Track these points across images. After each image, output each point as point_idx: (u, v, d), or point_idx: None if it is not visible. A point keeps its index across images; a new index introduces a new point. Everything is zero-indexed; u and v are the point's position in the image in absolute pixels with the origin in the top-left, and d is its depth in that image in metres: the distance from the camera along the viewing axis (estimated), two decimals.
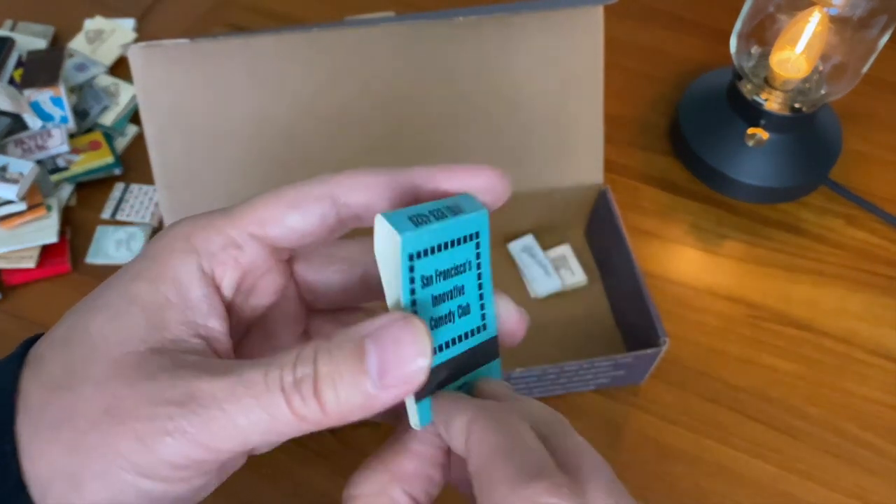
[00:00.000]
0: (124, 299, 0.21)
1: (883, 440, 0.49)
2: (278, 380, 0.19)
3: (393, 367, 0.19)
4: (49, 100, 0.59)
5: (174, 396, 0.19)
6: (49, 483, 0.20)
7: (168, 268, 0.21)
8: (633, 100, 0.66)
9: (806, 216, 0.59)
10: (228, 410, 0.19)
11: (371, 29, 0.46)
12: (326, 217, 0.22)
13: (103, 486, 0.19)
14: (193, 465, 0.20)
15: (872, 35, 0.54)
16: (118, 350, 0.20)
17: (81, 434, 0.19)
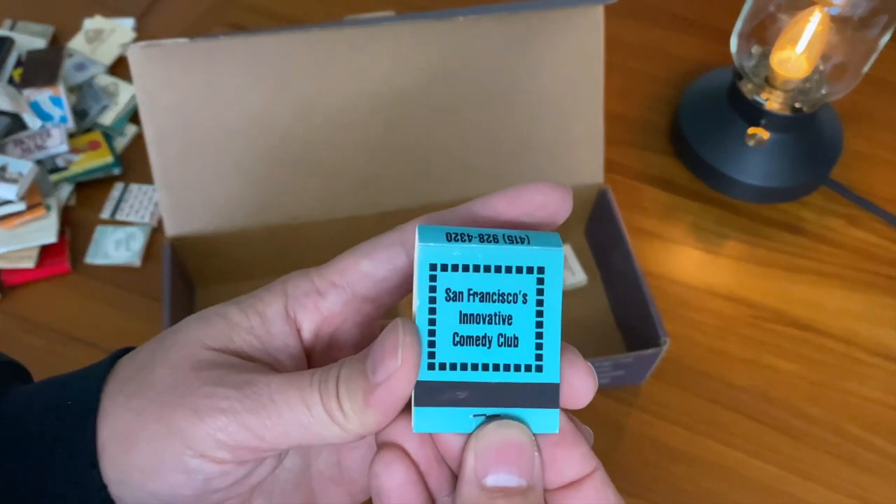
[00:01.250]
0: (217, 314, 0.24)
1: (884, 440, 0.49)
2: (318, 380, 0.21)
3: (379, 362, 0.21)
4: (48, 99, 0.59)
5: (233, 382, 0.21)
6: (107, 443, 0.22)
7: (260, 302, 0.24)
8: (633, 99, 0.66)
9: (806, 216, 0.59)
10: (276, 400, 0.21)
11: (371, 28, 0.46)
12: (395, 259, 0.23)
13: (151, 451, 0.22)
14: (234, 446, 0.21)
15: (873, 35, 0.54)
16: (195, 347, 0.23)
17: (147, 402, 0.22)
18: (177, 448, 0.21)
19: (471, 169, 0.50)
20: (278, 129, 0.47)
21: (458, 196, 0.51)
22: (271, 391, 0.21)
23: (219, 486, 0.23)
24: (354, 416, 0.21)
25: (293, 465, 0.26)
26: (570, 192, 0.24)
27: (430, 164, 0.50)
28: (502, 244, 0.22)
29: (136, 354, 0.24)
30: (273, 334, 0.23)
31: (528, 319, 0.22)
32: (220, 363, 0.22)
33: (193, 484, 0.22)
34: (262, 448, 0.22)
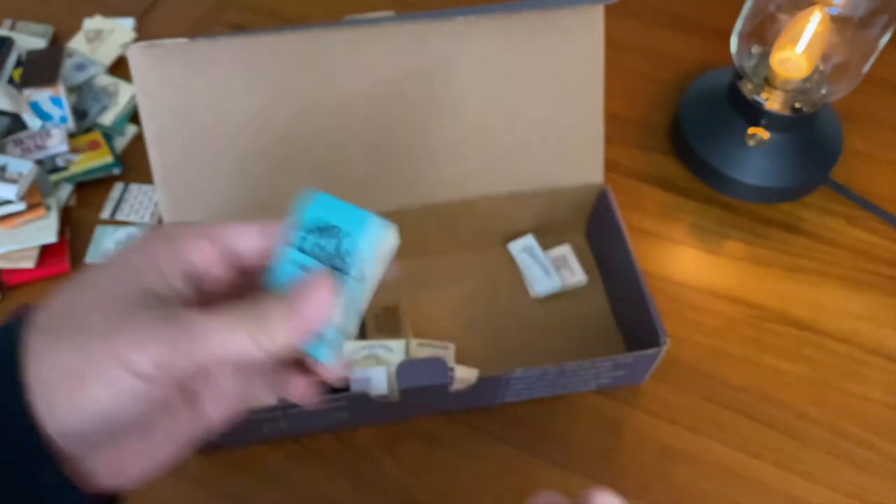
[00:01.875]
0: (119, 261, 0.28)
1: (884, 440, 0.49)
2: (241, 314, 0.27)
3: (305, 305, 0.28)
4: (48, 99, 0.59)
5: (169, 317, 0.26)
6: (54, 381, 0.26)
7: (153, 247, 0.29)
8: (633, 99, 0.66)
9: (806, 216, 0.59)
10: (207, 329, 0.26)
11: (371, 28, 0.46)
12: (261, 243, 0.30)
13: (101, 380, 0.26)
14: (170, 368, 0.26)
15: (873, 35, 0.54)
16: (116, 289, 0.27)
17: (85, 343, 0.26)
18: (124, 376, 0.26)
19: (470, 169, 0.50)
20: (278, 129, 0.47)
21: (458, 196, 0.51)
22: (202, 323, 0.26)
23: (159, 401, 0.27)
24: (276, 340, 0.27)
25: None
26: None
27: (429, 163, 0.50)
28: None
29: (51, 304, 0.27)
30: (166, 268, 0.28)
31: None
32: (145, 303, 0.27)
33: (139, 405, 0.27)
34: (192, 367, 0.26)
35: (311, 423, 0.46)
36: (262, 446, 0.48)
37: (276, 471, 0.47)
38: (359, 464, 0.47)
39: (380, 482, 0.47)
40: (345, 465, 0.47)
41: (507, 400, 0.48)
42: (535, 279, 0.54)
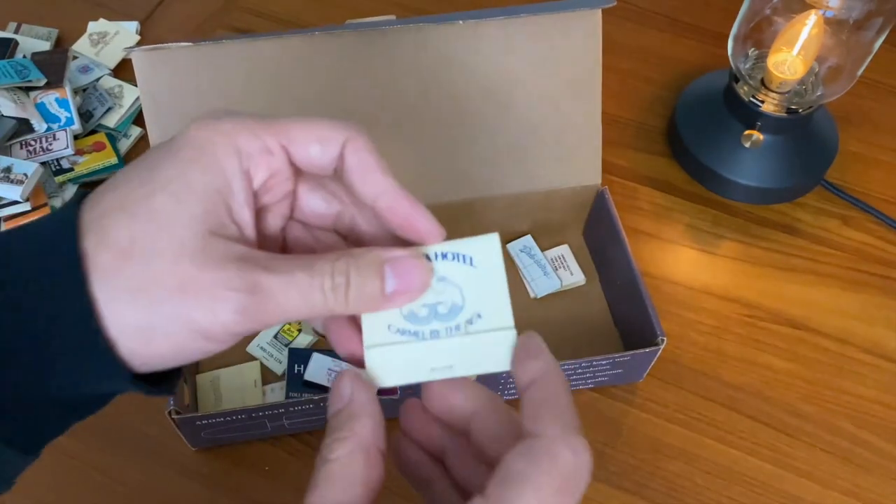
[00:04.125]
0: (182, 183, 0.26)
1: (878, 438, 0.49)
2: (320, 284, 0.25)
3: (401, 290, 0.26)
4: (55, 101, 0.59)
5: (242, 286, 0.25)
6: (120, 335, 0.25)
7: (216, 160, 0.26)
8: (630, 102, 0.66)
9: (802, 217, 0.60)
10: (281, 301, 0.25)
11: (372, 33, 0.47)
12: (335, 160, 0.28)
13: (170, 343, 0.25)
14: (245, 333, 0.26)
15: (868, 37, 0.55)
16: (181, 231, 0.25)
17: (158, 302, 0.25)
18: (194, 340, 0.25)
19: (471, 172, 0.51)
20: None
21: (458, 198, 0.51)
22: (275, 293, 0.25)
23: (220, 349, 0.26)
24: (353, 311, 0.26)
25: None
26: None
27: (430, 166, 0.50)
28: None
29: (108, 234, 0.25)
30: (235, 194, 0.26)
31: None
32: (214, 257, 0.25)
33: (208, 354, 0.26)
34: (263, 329, 0.26)
35: (313, 421, 0.47)
36: (265, 443, 0.48)
37: (279, 468, 0.47)
38: None
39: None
40: None
41: (506, 398, 0.49)
42: (534, 279, 0.54)
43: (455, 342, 0.27)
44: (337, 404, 0.27)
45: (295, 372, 0.49)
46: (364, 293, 0.26)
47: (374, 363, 0.27)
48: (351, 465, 0.26)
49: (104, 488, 0.46)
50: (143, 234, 0.25)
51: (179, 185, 0.25)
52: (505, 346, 0.27)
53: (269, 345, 0.51)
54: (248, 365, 0.51)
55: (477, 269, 0.28)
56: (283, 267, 0.25)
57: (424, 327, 0.27)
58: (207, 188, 0.26)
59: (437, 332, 0.27)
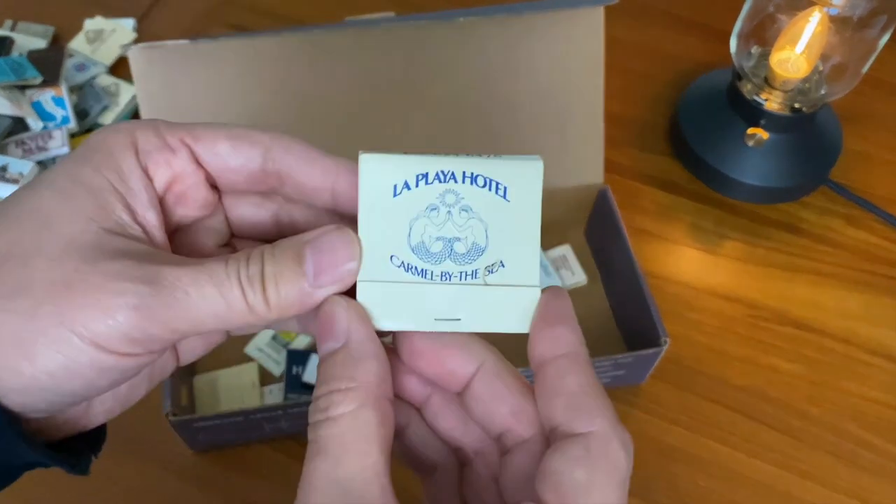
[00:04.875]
0: (69, 181, 0.22)
1: (883, 440, 0.49)
2: (236, 272, 0.22)
3: (326, 270, 0.22)
4: (51, 99, 0.59)
5: (140, 276, 0.21)
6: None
7: (110, 157, 0.23)
8: (633, 100, 0.66)
9: (806, 216, 0.59)
10: (190, 294, 0.21)
11: (371, 30, 0.47)
12: (252, 161, 0.24)
13: (57, 353, 0.20)
14: (147, 341, 0.21)
15: (872, 35, 0.54)
16: (69, 227, 0.21)
17: (38, 304, 0.20)
18: (84, 348, 0.21)
19: None
20: (278, 130, 0.47)
21: None
22: (184, 285, 0.21)
23: (134, 372, 0.23)
24: (278, 310, 0.22)
25: None
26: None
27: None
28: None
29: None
30: (134, 191, 0.23)
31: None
32: (107, 250, 0.21)
33: (108, 376, 0.22)
34: (175, 339, 0.22)
35: None
36: (263, 446, 0.48)
37: (277, 470, 0.47)
38: None
39: None
40: None
41: None
42: None
43: (468, 291, 0.23)
44: (329, 342, 0.23)
45: (293, 373, 0.49)
46: (283, 282, 0.22)
47: (367, 301, 0.23)
48: (361, 424, 0.21)
49: (101, 491, 0.46)
50: (23, 234, 0.21)
51: (66, 181, 0.22)
52: (526, 305, 0.23)
53: (268, 346, 0.51)
54: (245, 366, 0.50)
55: (510, 204, 0.23)
56: (193, 261, 0.22)
57: (435, 266, 0.23)
58: (100, 184, 0.22)
59: (450, 274, 0.23)
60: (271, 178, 0.25)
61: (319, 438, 0.21)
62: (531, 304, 0.23)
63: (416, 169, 0.24)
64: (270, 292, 0.22)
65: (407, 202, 0.23)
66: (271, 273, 0.22)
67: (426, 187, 0.23)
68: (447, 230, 0.23)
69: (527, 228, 0.23)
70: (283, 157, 0.24)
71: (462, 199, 0.23)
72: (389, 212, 0.23)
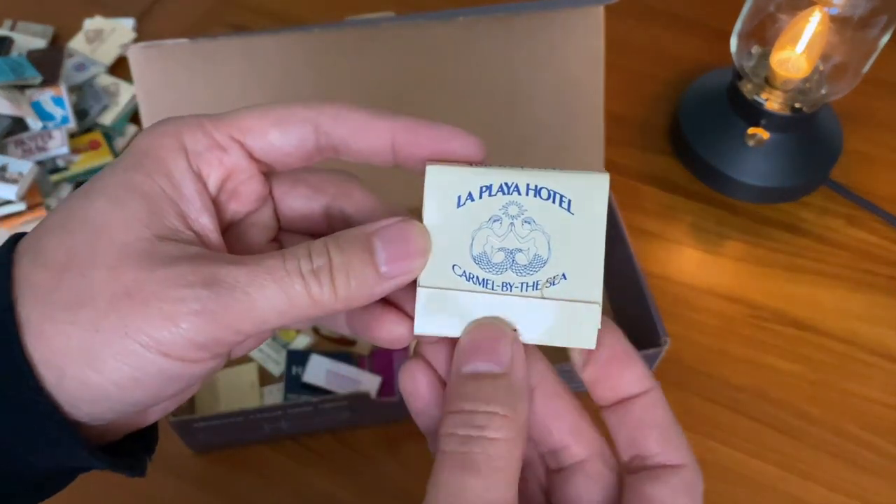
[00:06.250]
0: (122, 188, 0.22)
1: (884, 440, 0.49)
2: (297, 267, 0.21)
3: (398, 259, 0.22)
4: (50, 99, 0.59)
5: (199, 280, 0.20)
6: (65, 364, 0.21)
7: (161, 162, 0.22)
8: (633, 100, 0.66)
9: (806, 216, 0.59)
10: (251, 293, 0.21)
11: (371, 29, 0.46)
12: (305, 141, 0.24)
13: (124, 363, 0.20)
14: (213, 345, 0.21)
15: (873, 35, 0.54)
16: (123, 235, 0.21)
17: (102, 314, 0.20)
18: (150, 357, 0.20)
19: None
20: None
21: None
22: (243, 284, 0.21)
23: (202, 377, 0.23)
24: (345, 301, 0.22)
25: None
26: (482, 145, 0.25)
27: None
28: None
29: (44, 253, 0.22)
30: (187, 197, 0.22)
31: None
32: (163, 257, 0.21)
33: (176, 384, 0.22)
34: (238, 340, 0.21)
35: (311, 423, 0.46)
36: (263, 446, 0.48)
37: (277, 471, 0.47)
38: (359, 464, 0.47)
39: (380, 482, 0.47)
40: (345, 465, 0.47)
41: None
42: None
43: (528, 303, 0.23)
44: (487, 363, 0.22)
45: (293, 373, 0.49)
46: (353, 273, 0.21)
47: (426, 307, 0.23)
48: (516, 455, 0.21)
49: (100, 492, 0.46)
50: (79, 244, 0.21)
51: (119, 188, 0.22)
52: (586, 321, 0.23)
53: (268, 346, 0.51)
54: (245, 366, 0.50)
55: (575, 217, 0.23)
56: (249, 259, 0.21)
57: (496, 277, 0.23)
58: (152, 190, 0.22)
59: (510, 285, 0.23)
60: (326, 150, 0.24)
61: (473, 454, 0.21)
62: (591, 320, 0.23)
63: (481, 181, 0.24)
64: (339, 283, 0.21)
65: (470, 213, 0.23)
66: (340, 263, 0.21)
67: (490, 199, 0.23)
68: (509, 241, 0.23)
69: (591, 242, 0.23)
70: (334, 129, 0.24)
71: (525, 211, 0.23)
72: (453, 222, 0.23)
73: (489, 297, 0.23)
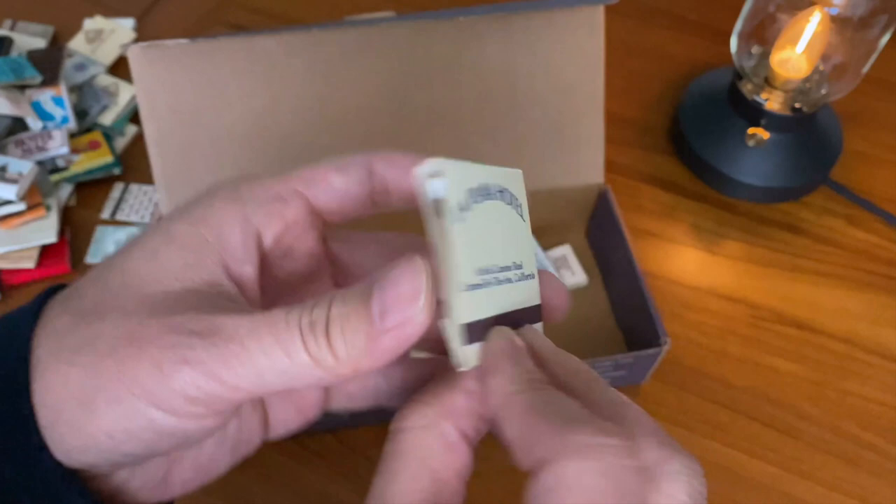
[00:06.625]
0: (163, 239, 0.21)
1: (884, 440, 0.49)
2: (297, 320, 0.19)
3: (392, 307, 0.19)
4: (50, 99, 0.59)
5: (196, 328, 0.19)
6: (61, 407, 0.20)
7: (211, 211, 0.22)
8: (633, 100, 0.66)
9: (806, 216, 0.59)
10: (248, 346, 0.19)
11: (371, 29, 0.46)
12: (363, 183, 0.24)
13: (115, 412, 0.19)
14: (206, 400, 0.19)
15: (873, 35, 0.54)
16: (151, 287, 0.20)
17: (100, 358, 0.19)
18: (141, 408, 0.19)
19: None
20: (278, 130, 0.47)
21: None
22: (241, 336, 0.19)
23: (199, 436, 0.21)
24: (349, 361, 0.19)
25: None
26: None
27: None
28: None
29: (74, 299, 0.21)
30: (231, 246, 0.21)
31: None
32: (177, 307, 0.20)
33: (169, 440, 0.20)
34: (237, 398, 0.20)
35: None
36: (262, 446, 0.48)
37: (276, 471, 0.47)
38: (359, 464, 0.47)
39: None
40: (345, 465, 0.47)
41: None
42: None
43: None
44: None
45: None
46: (348, 326, 0.19)
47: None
48: (425, 442, 0.20)
49: None
50: (108, 293, 0.21)
51: (158, 240, 0.21)
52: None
53: None
54: None
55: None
56: (257, 310, 0.20)
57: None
58: (192, 240, 0.21)
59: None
60: (379, 194, 0.24)
61: (384, 452, 0.20)
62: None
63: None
64: (335, 339, 0.19)
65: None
66: (336, 316, 0.19)
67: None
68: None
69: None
70: (386, 170, 0.24)
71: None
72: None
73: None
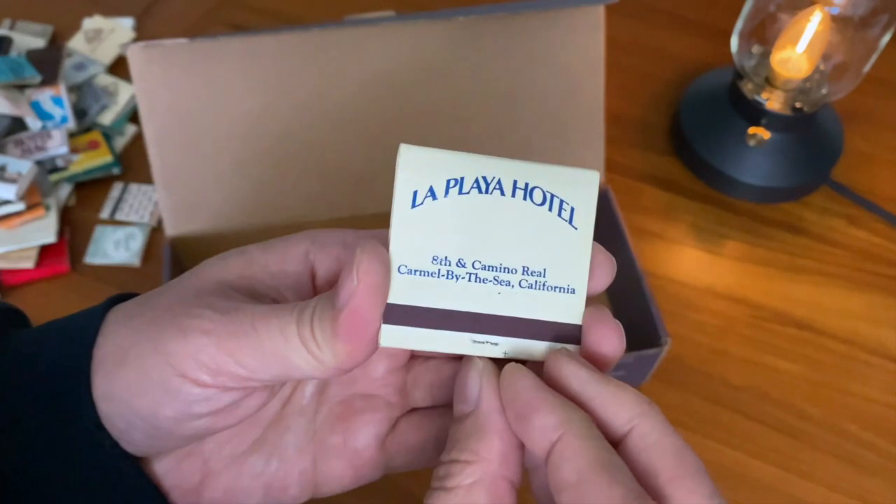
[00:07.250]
0: (238, 251, 0.24)
1: (884, 441, 0.49)
2: (297, 310, 0.21)
3: (342, 286, 0.21)
4: (50, 99, 0.59)
5: (221, 307, 0.22)
6: (105, 357, 0.22)
7: (284, 242, 0.24)
8: (633, 99, 0.66)
9: (807, 216, 0.59)
10: (258, 328, 0.21)
11: (371, 28, 0.46)
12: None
13: (138, 366, 0.22)
14: (217, 372, 0.21)
15: (874, 34, 0.54)
16: (208, 276, 0.23)
17: (145, 321, 0.22)
18: (161, 365, 0.22)
19: None
20: (278, 129, 0.47)
21: None
22: (254, 318, 0.21)
23: (201, 412, 0.22)
24: (325, 346, 0.21)
25: (298, 427, 0.26)
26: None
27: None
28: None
29: (148, 296, 0.24)
30: (288, 272, 0.24)
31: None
32: (220, 291, 0.22)
33: (175, 405, 0.22)
34: (242, 376, 0.22)
35: None
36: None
37: None
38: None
39: (380, 482, 0.46)
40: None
41: None
42: None
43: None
44: (461, 406, 0.22)
45: None
46: (319, 314, 0.21)
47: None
48: (479, 498, 0.21)
49: None
50: (177, 281, 0.24)
51: (233, 254, 0.24)
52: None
53: None
54: None
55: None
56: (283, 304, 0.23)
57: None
58: (255, 261, 0.24)
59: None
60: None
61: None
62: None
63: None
64: (315, 325, 0.21)
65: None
66: (318, 304, 0.21)
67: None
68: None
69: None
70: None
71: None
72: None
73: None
